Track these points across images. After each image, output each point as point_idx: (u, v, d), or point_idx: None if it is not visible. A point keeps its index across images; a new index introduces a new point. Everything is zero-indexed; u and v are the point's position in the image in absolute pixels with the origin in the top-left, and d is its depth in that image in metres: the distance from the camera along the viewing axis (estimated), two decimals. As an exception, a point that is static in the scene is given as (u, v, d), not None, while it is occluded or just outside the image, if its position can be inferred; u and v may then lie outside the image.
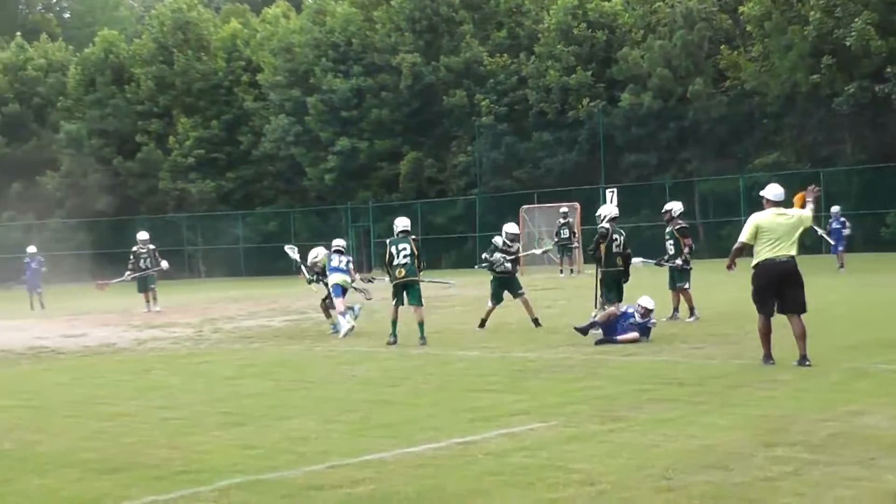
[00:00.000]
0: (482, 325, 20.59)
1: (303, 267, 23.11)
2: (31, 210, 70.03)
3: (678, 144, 53.60)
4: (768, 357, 13.74)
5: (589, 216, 49.35)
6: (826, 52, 46.02)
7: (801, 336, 13.61)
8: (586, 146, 54.86)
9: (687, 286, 20.40)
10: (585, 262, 40.30)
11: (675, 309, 20.35)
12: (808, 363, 13.33)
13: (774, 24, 47.78)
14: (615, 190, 49.69)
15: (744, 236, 13.91)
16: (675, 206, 21.29)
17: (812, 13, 45.86)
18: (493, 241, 21.03)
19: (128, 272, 30.39)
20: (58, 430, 11.13)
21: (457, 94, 57.47)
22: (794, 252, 13.71)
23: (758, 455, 8.32)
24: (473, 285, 32.93)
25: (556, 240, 38.62)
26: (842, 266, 34.31)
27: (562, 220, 37.87)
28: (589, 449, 8.88)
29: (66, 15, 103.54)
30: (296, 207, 64.25)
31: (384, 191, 61.26)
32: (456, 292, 31.85)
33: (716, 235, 52.24)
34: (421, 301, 19.38)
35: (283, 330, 23.01)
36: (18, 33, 77.73)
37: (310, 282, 22.94)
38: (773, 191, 14.17)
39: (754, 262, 13.79)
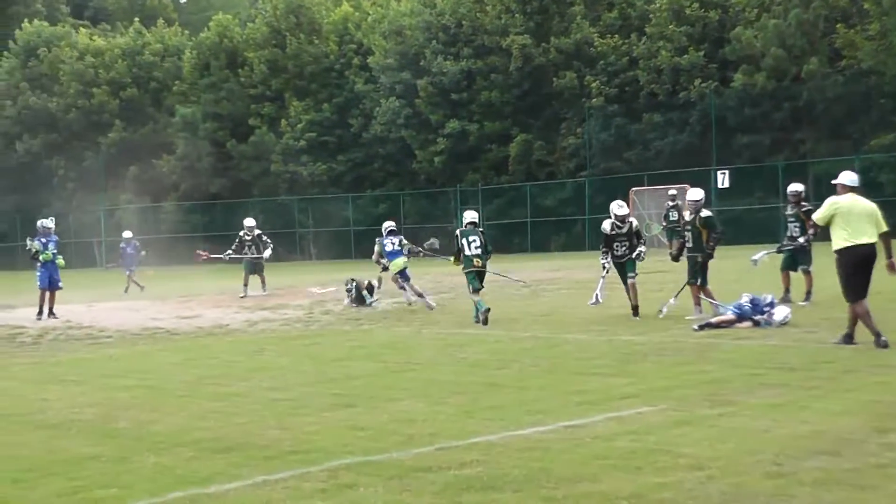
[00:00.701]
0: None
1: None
2: (147, 193, 71.39)
3: (792, 125, 52.73)
4: (879, 336, 13.61)
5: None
6: (946, 29, 44.92)
7: (855, 316, 13.95)
8: (697, 127, 54.26)
9: (810, 268, 20.04)
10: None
11: (787, 290, 19.95)
12: (854, 342, 13.80)
13: (893, 1, 46.70)
14: (727, 172, 49.12)
15: (822, 219, 14.35)
16: (802, 188, 20.87)
17: (933, -11, 44.79)
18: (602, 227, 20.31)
19: (229, 252, 30.41)
20: (172, 410, 11.35)
21: (567, 75, 57.18)
22: (875, 238, 13.94)
23: (870, 441, 8.20)
24: (582, 268, 32.85)
25: (664, 223, 38.23)
26: None
27: (670, 203, 37.40)
28: (697, 433, 8.81)
29: (183, 0, 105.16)
30: (405, 190, 64.51)
31: (493, 173, 61.22)
32: (563, 275, 31.76)
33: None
34: (483, 285, 20.72)
35: (392, 312, 23.16)
36: (136, 19, 79.24)
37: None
38: (849, 177, 14.68)
39: (837, 247, 13.97)
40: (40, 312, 25.04)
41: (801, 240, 20.12)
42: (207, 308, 26.54)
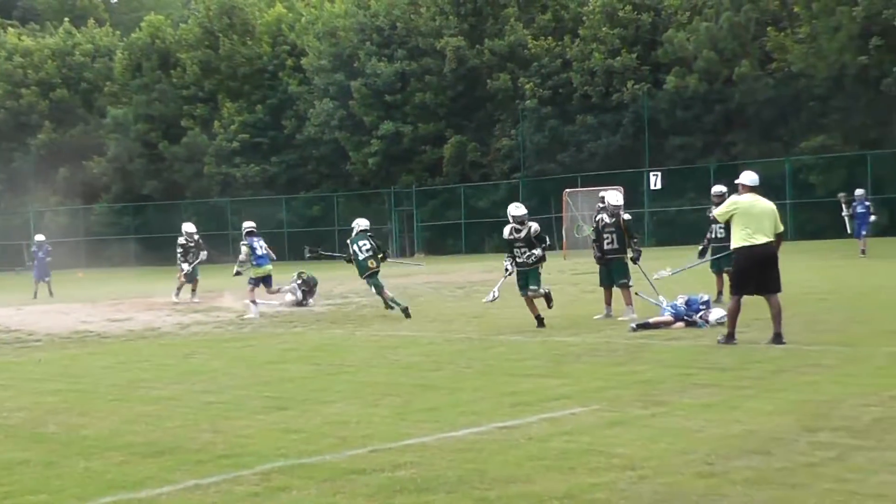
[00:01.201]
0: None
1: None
2: (77, 195, 70.70)
3: (723, 127, 53.35)
4: (731, 337, 14.27)
5: (633, 200, 49.31)
6: (874, 33, 45.63)
7: (778, 315, 14.16)
8: (630, 129, 54.71)
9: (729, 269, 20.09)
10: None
11: (720, 293, 20.08)
12: (783, 341, 13.82)
13: (822, 4, 47.39)
14: (659, 173, 49.56)
15: (722, 216, 14.82)
16: (721, 189, 20.86)
17: (860, -6, 45.48)
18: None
19: (185, 268, 29.19)
20: (102, 414, 11.21)
21: (501, 77, 57.43)
22: (771, 237, 14.26)
23: (800, 440, 8.27)
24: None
25: (594, 225, 38.35)
26: (863, 251, 33.44)
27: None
28: (631, 434, 8.84)
29: (114, 0, 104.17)
30: (339, 192, 64.44)
31: (427, 175, 61.33)
32: (497, 276, 31.82)
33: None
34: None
35: (325, 314, 23.07)
36: (66, 19, 78.43)
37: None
38: (750, 177, 14.90)
39: (736, 245, 14.32)
40: None
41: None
42: (138, 311, 26.29)
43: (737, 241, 14.32)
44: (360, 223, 22.65)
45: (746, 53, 51.72)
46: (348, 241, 22.34)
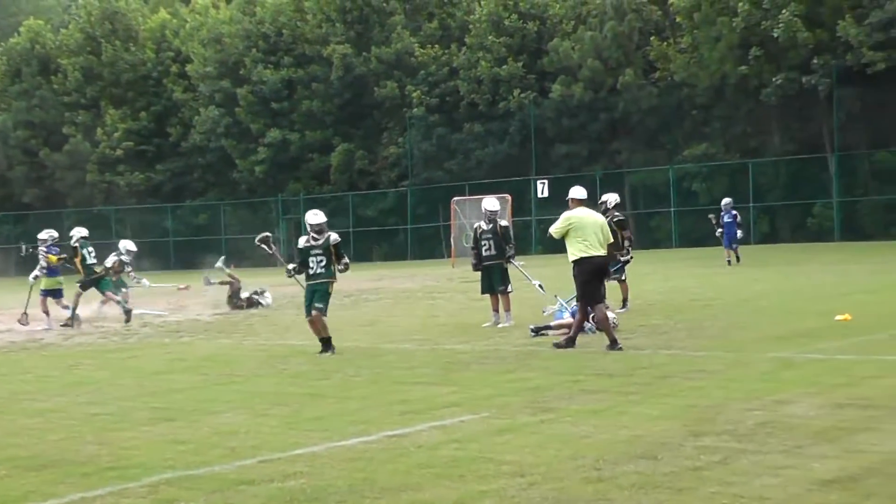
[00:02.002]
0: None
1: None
2: (-45, 203, 69.02)
3: (609, 135, 53.98)
4: (572, 342, 14.86)
5: (521, 208, 49.69)
6: (754, 44, 46.60)
7: (605, 321, 15.00)
8: (517, 137, 55.06)
9: (623, 277, 20.28)
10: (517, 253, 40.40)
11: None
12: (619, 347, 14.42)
13: (703, 15, 48.26)
14: (546, 181, 49.98)
15: (557, 232, 15.14)
16: (611, 198, 20.88)
17: (740, 4, 46.41)
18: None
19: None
20: (-17, 427, 10.98)
21: (388, 85, 57.42)
22: (603, 249, 14.91)
23: (686, 445, 8.39)
24: (405, 278, 33.00)
25: (472, 232, 38.52)
26: (736, 260, 33.38)
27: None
28: (520, 440, 8.90)
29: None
30: (226, 200, 63.90)
31: (315, 183, 61.07)
32: (386, 285, 31.86)
33: (646, 226, 52.69)
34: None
35: (213, 324, 22.85)
36: (-59, 23, 76.57)
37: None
38: (579, 191, 15.65)
39: (574, 258, 14.88)
40: None
41: (626, 257, 20.18)
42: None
43: (575, 254, 14.85)
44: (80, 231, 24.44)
45: (630, 62, 52.43)
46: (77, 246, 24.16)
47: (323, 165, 60.35)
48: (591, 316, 16.67)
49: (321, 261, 16.26)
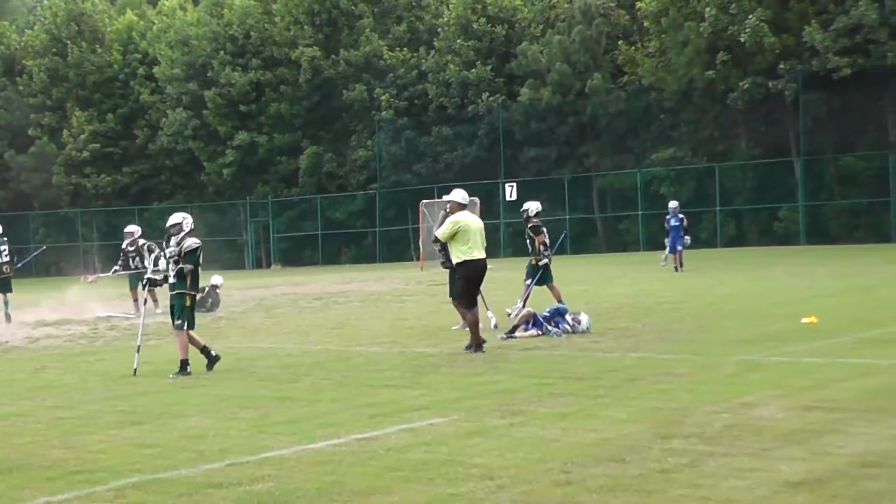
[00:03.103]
0: None
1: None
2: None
3: (577, 139, 54.13)
4: (480, 346, 15.21)
5: (490, 211, 49.74)
6: (721, 49, 46.85)
7: (476, 324, 15.35)
8: (486, 141, 55.15)
9: (529, 282, 19.82)
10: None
11: (560, 300, 19.41)
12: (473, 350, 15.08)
13: (671, 20, 48.50)
14: (514, 184, 50.06)
15: (444, 235, 15.57)
16: (532, 206, 20.44)
17: (707, 9, 46.64)
18: None
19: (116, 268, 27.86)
20: (-52, 431, 10.89)
21: (356, 88, 57.41)
22: (484, 252, 15.52)
23: (654, 447, 8.42)
24: (374, 280, 32.97)
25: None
26: (680, 266, 31.83)
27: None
28: (489, 443, 8.90)
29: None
30: (194, 202, 63.65)
31: (283, 185, 60.99)
32: (355, 287, 31.80)
33: (614, 230, 52.89)
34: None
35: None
36: None
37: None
38: (461, 195, 15.95)
39: (458, 260, 15.40)
40: None
41: (544, 261, 19.90)
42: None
43: (459, 256, 15.35)
44: None
45: (598, 67, 52.61)
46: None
47: (291, 168, 60.28)
48: (572, 322, 16.74)
49: (175, 269, 15.03)
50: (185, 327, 14.88)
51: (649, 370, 12.60)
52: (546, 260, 19.75)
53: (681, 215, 32.40)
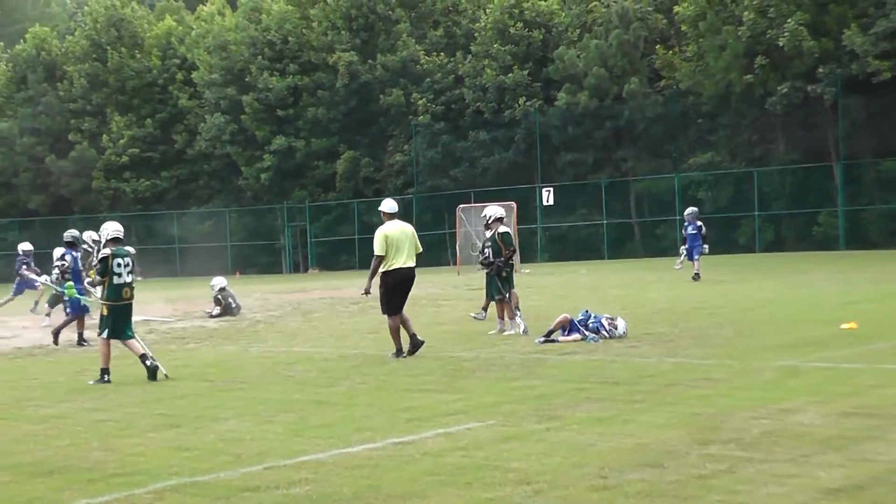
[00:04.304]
0: None
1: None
2: (-39, 208, 69.16)
3: (614, 144, 54.00)
4: (400, 352, 15.89)
5: (526, 215, 49.71)
6: (759, 53, 46.57)
7: (406, 321, 16.15)
8: (522, 145, 55.08)
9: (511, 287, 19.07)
10: (522, 261, 40.44)
11: (517, 307, 18.88)
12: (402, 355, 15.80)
13: (709, 24, 48.27)
14: (551, 189, 50.01)
15: (379, 249, 15.82)
16: (491, 211, 19.60)
17: (746, 14, 46.38)
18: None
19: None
20: (-11, 433, 10.99)
21: (393, 92, 57.48)
22: (413, 261, 15.99)
23: (692, 453, 8.39)
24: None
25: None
26: (697, 275, 29.84)
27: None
28: (525, 448, 8.89)
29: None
30: (231, 207, 63.96)
31: (320, 190, 61.13)
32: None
33: (651, 235, 52.70)
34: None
35: (219, 331, 22.83)
36: (-53, 30, 76.70)
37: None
38: (390, 204, 16.42)
39: (384, 268, 15.81)
40: None
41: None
42: (27, 328, 25.75)
43: (386, 265, 15.80)
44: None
45: (635, 71, 52.45)
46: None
47: (328, 173, 60.43)
48: (609, 328, 16.71)
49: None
50: (104, 335, 14.92)
51: (687, 375, 12.55)
52: (490, 264, 19.17)
53: (699, 222, 31.05)
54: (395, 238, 15.80)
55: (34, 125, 66.75)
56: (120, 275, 14.98)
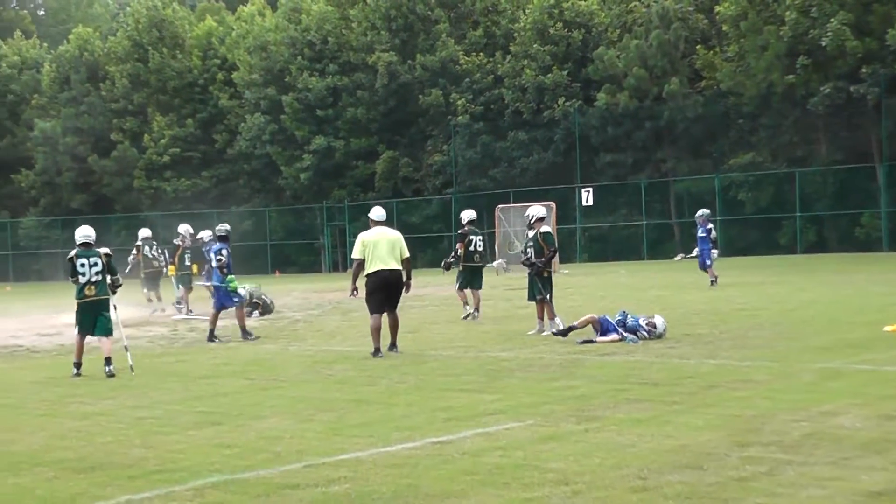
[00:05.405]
0: None
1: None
2: (4, 208, 69.82)
3: (654, 144, 53.80)
4: (378, 351, 16.38)
5: (565, 216, 49.63)
6: (801, 53, 46.27)
7: (395, 327, 17.05)
8: (562, 146, 54.97)
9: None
10: (561, 261, 40.36)
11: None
12: (396, 350, 16.78)
13: (750, 24, 47.99)
14: (590, 189, 49.88)
15: (356, 254, 16.76)
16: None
17: (788, 13, 46.10)
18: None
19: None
20: (32, 429, 11.07)
21: (432, 93, 57.50)
22: (398, 265, 16.64)
23: (732, 455, 8.35)
24: (449, 284, 32.92)
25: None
26: (714, 281, 28.83)
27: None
28: (564, 448, 8.88)
29: (41, 12, 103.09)
30: (271, 206, 64.20)
31: (360, 190, 61.24)
32: (430, 291, 31.78)
33: (691, 235, 52.36)
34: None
35: (258, 329, 22.91)
36: (-8, 30, 77.40)
37: None
38: (378, 212, 17.28)
39: (367, 271, 16.58)
40: None
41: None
42: (69, 325, 25.88)
43: (368, 268, 16.56)
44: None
45: (676, 71, 52.24)
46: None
47: (368, 172, 60.57)
48: (647, 328, 16.68)
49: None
50: (75, 331, 16.57)
51: (727, 377, 12.49)
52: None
53: (709, 226, 29.94)
54: (372, 242, 16.58)
55: (77, 125, 67.29)
56: (84, 274, 16.03)
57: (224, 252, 20.99)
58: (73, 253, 16.17)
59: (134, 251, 29.76)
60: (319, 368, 15.31)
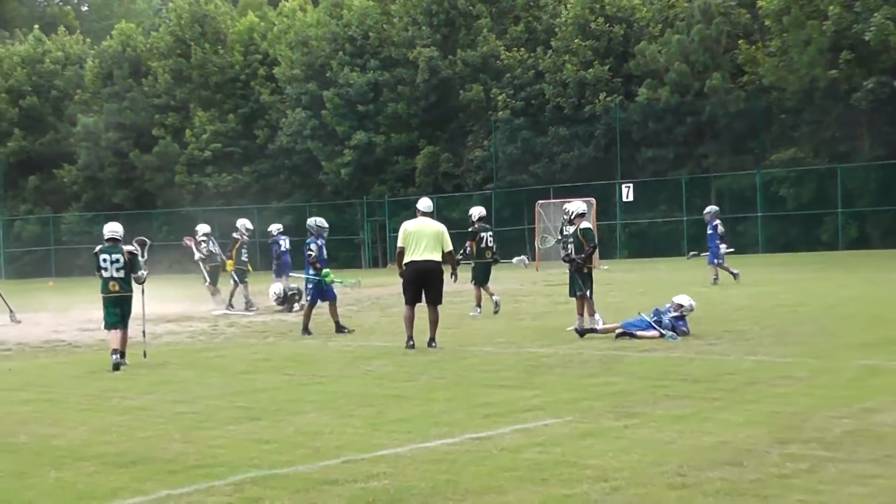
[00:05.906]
0: None
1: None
2: (48, 203, 70.39)
3: (695, 140, 53.53)
4: (410, 340, 16.86)
5: (605, 211, 49.47)
6: (845, 47, 45.92)
7: (435, 323, 17.08)
8: (603, 141, 54.82)
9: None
10: (601, 257, 40.24)
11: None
12: (434, 345, 16.79)
13: (793, 18, 47.66)
14: (631, 185, 49.70)
15: (399, 242, 17.14)
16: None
17: (831, 8, 45.76)
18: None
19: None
20: (73, 424, 11.15)
21: (473, 88, 57.48)
22: (437, 256, 16.93)
23: (772, 452, 8.31)
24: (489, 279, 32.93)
25: (559, 237, 38.32)
26: (715, 279, 28.54)
27: (565, 217, 37.54)
28: (603, 445, 8.87)
29: (84, 8, 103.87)
30: (312, 202, 64.35)
31: (400, 185, 61.29)
32: (470, 287, 31.74)
33: (732, 231, 52.10)
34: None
35: (298, 324, 22.95)
36: (36, 26, 77.99)
37: None
38: (425, 203, 17.66)
39: (406, 260, 16.96)
40: None
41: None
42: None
43: (406, 258, 16.94)
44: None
45: (718, 66, 51.96)
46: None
47: (408, 168, 60.61)
48: (678, 323, 16.60)
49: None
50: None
51: (767, 373, 12.42)
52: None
53: (716, 222, 29.09)
54: (413, 232, 16.92)
55: (119, 120, 67.68)
56: (106, 269, 16.58)
57: (313, 246, 20.93)
58: (98, 248, 16.76)
59: (202, 244, 29.66)
60: (359, 364, 15.34)
